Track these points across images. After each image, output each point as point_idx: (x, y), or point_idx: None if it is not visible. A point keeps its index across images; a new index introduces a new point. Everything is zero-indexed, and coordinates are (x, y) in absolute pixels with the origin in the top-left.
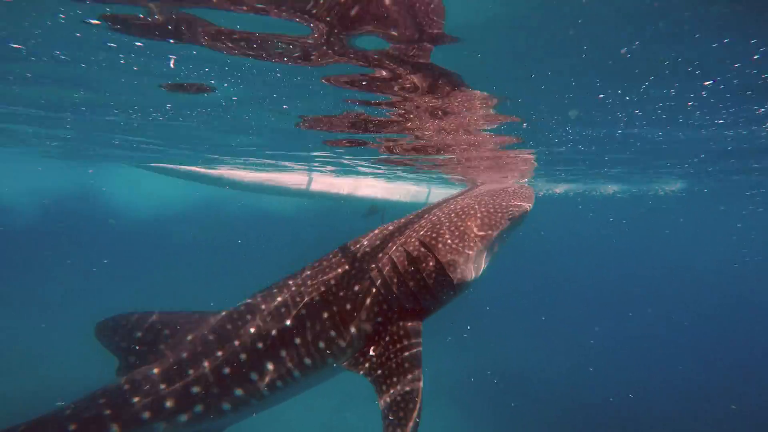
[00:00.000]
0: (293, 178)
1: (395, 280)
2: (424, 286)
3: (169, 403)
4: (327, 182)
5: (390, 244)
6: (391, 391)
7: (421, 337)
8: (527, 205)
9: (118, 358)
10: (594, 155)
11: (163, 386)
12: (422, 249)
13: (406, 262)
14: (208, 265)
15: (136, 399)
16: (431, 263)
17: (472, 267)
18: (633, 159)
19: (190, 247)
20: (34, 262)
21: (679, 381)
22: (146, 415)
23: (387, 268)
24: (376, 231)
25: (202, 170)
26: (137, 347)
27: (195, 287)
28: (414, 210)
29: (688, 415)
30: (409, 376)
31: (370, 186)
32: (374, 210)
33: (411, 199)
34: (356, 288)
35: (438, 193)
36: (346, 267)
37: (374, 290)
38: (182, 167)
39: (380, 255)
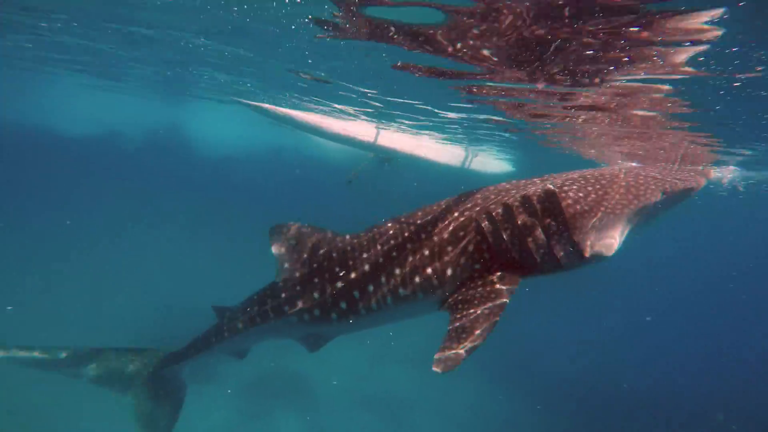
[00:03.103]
0: (362, 128)
1: (505, 230)
2: (538, 243)
3: (300, 303)
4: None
5: (507, 198)
6: (459, 329)
7: (510, 295)
8: (692, 183)
9: (277, 261)
10: None
11: (298, 288)
12: (547, 201)
13: (523, 213)
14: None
15: (283, 294)
16: (554, 218)
17: (602, 235)
18: None
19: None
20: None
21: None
22: (287, 308)
23: (499, 215)
24: (497, 185)
25: (295, 113)
26: (291, 254)
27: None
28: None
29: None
30: (479, 329)
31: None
32: (387, 160)
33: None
34: (461, 234)
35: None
36: (457, 212)
37: (479, 238)
38: (278, 108)
39: (493, 205)
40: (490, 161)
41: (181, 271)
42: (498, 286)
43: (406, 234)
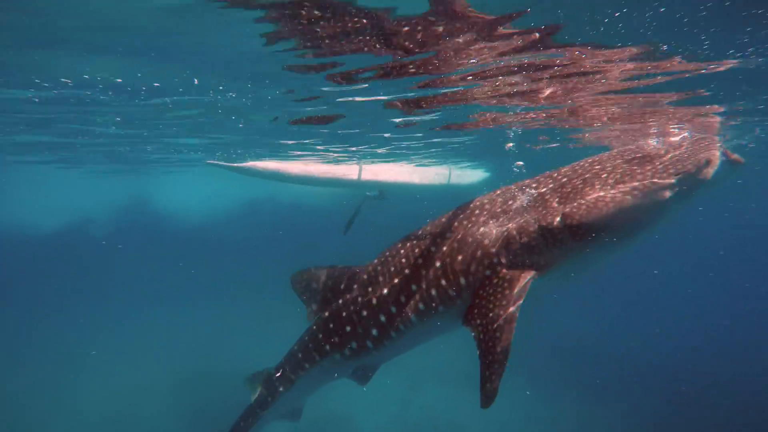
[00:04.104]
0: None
1: (507, 233)
2: (541, 241)
3: (336, 339)
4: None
5: (509, 201)
6: (483, 349)
7: (522, 299)
8: (711, 154)
9: (305, 305)
10: None
11: (331, 326)
12: (542, 201)
13: (521, 214)
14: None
15: (320, 335)
16: (551, 215)
17: (603, 223)
18: None
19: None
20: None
21: None
22: (327, 347)
23: (499, 218)
24: (498, 191)
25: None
26: (315, 296)
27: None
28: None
29: None
30: (498, 340)
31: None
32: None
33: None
34: (468, 240)
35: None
36: (463, 222)
37: (486, 242)
38: (258, 165)
39: (497, 209)
40: (467, 172)
41: (187, 342)
42: (507, 292)
43: (416, 251)
